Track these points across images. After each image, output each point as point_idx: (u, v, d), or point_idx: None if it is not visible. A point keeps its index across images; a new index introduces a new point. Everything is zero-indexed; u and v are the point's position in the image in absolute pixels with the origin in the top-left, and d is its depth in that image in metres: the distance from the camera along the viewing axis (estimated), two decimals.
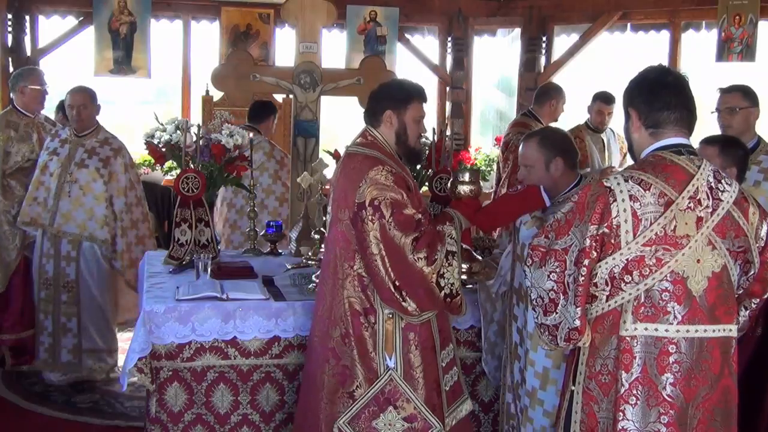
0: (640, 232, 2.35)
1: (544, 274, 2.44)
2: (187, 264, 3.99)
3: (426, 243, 2.95)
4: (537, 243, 2.51)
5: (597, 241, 2.37)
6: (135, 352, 3.30)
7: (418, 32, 8.14)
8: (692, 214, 2.37)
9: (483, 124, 8.88)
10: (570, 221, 2.44)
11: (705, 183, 2.40)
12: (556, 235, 2.46)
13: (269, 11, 7.56)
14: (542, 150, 3.22)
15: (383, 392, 3.04)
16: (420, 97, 3.20)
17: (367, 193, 2.96)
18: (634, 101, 2.53)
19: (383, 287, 2.96)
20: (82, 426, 4.56)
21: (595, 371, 2.46)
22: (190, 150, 4.28)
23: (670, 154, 2.44)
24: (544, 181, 3.23)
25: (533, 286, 2.49)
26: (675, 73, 2.54)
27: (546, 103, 6.06)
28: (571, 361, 2.59)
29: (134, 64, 7.33)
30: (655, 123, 2.48)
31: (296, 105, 4.76)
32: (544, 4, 7.74)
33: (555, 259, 2.43)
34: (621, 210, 2.36)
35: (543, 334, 2.50)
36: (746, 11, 6.42)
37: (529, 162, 3.27)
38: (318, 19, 4.73)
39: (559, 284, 2.42)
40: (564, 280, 2.41)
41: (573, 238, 2.41)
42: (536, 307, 2.49)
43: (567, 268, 2.41)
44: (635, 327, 2.39)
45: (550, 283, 2.43)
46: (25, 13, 7.18)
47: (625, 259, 2.36)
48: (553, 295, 2.43)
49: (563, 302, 2.42)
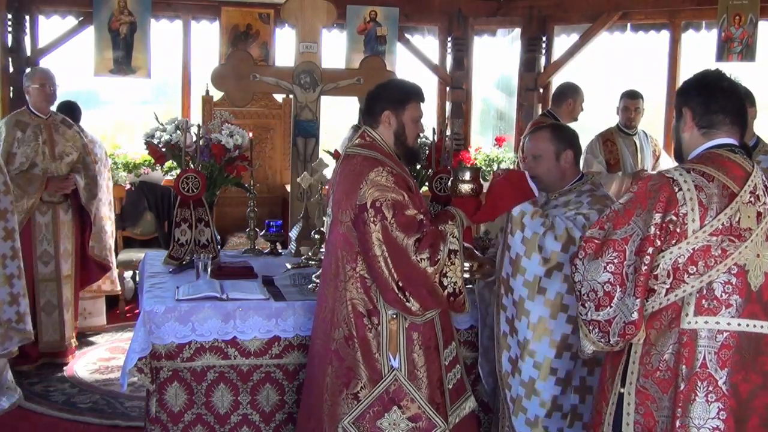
0: (707, 221, 2.32)
1: (600, 265, 2.38)
2: (187, 264, 3.99)
3: (429, 243, 2.95)
4: (590, 234, 2.45)
5: (662, 229, 2.33)
6: (135, 352, 3.30)
7: (418, 32, 8.14)
8: (753, 208, 2.37)
9: (483, 124, 8.88)
10: (630, 211, 2.39)
11: (761, 181, 2.41)
12: (614, 225, 2.40)
13: (269, 11, 7.56)
14: (554, 141, 3.28)
15: (388, 392, 3.04)
16: (418, 96, 3.21)
17: (368, 194, 2.96)
18: (690, 101, 2.53)
19: (387, 288, 2.97)
20: (82, 426, 4.56)
21: (651, 368, 2.39)
22: (190, 150, 4.29)
23: (726, 151, 2.45)
24: (553, 172, 3.28)
25: (584, 280, 2.42)
26: (731, 78, 2.57)
27: (563, 103, 6.07)
28: (614, 362, 2.50)
29: (134, 64, 7.33)
30: (708, 124, 2.49)
31: (296, 105, 4.76)
32: (544, 4, 7.74)
33: (614, 249, 2.37)
34: (687, 198, 2.33)
35: (592, 331, 2.42)
36: (746, 11, 6.42)
37: (539, 152, 3.31)
38: (318, 19, 4.73)
39: (617, 275, 2.36)
40: (622, 271, 2.35)
41: (634, 227, 2.36)
42: (587, 302, 2.41)
43: (626, 258, 2.35)
44: (696, 320, 2.34)
45: (606, 275, 2.36)
46: (25, 13, 7.17)
47: (691, 248, 2.33)
48: (609, 288, 2.36)
49: (620, 295, 2.35)
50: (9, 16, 7.08)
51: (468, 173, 3.28)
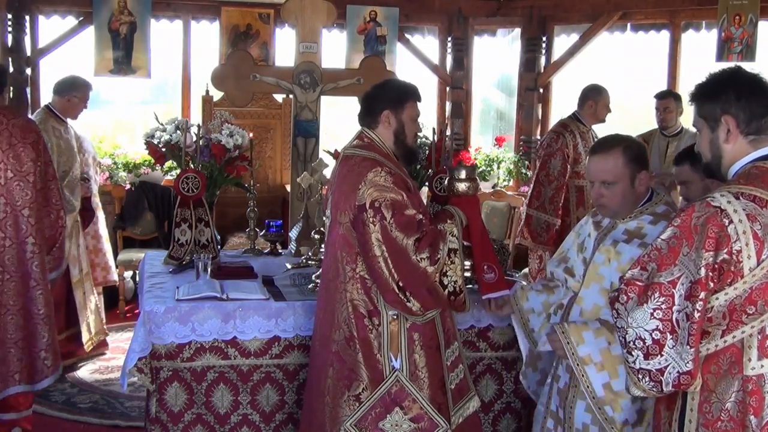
0: (765, 255, 2.06)
1: (646, 312, 2.12)
2: (187, 264, 3.99)
3: (428, 243, 2.95)
4: (631, 276, 2.19)
5: (715, 270, 2.05)
6: (135, 352, 3.30)
7: (418, 32, 8.14)
8: None
9: (483, 124, 8.88)
10: (675, 249, 2.11)
11: None
12: (658, 266, 2.13)
13: (269, 11, 7.55)
14: (628, 164, 2.86)
15: (390, 393, 3.04)
16: (415, 96, 3.22)
17: (367, 195, 2.96)
18: (729, 107, 2.20)
19: (387, 288, 2.97)
20: (82, 426, 4.57)
21: (712, 418, 2.14)
22: (190, 150, 4.29)
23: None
24: (628, 198, 2.90)
25: (629, 327, 2.16)
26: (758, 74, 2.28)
27: (585, 105, 5.98)
28: (668, 404, 2.28)
29: (134, 64, 7.33)
30: (757, 129, 2.19)
31: (296, 105, 4.76)
32: (544, 4, 7.74)
33: (660, 294, 2.11)
34: (740, 232, 2.05)
35: (642, 379, 2.17)
36: (746, 11, 6.42)
37: (611, 178, 2.87)
38: (318, 19, 4.73)
39: (666, 322, 2.10)
40: (672, 318, 2.09)
41: (682, 268, 2.09)
42: (634, 350, 2.16)
43: (675, 303, 2.09)
44: (761, 364, 2.11)
45: (654, 323, 2.11)
46: (25, 13, 7.17)
47: (749, 287, 2.07)
48: (658, 336, 2.11)
49: (671, 343, 2.10)
50: (9, 16, 7.08)
51: (464, 172, 3.29)
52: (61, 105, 5.35)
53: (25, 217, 3.81)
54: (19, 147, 3.79)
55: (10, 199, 3.78)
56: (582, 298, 2.96)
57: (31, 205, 3.83)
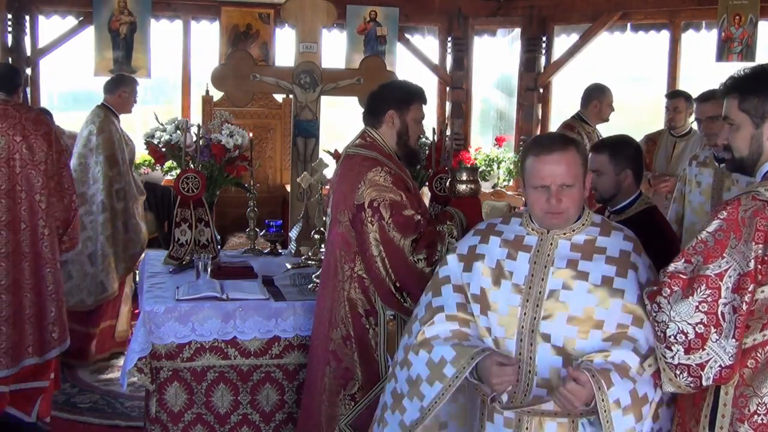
0: None
1: (692, 304, 2.11)
2: (187, 264, 3.99)
3: (426, 244, 2.95)
4: (675, 269, 2.17)
5: (764, 263, 2.05)
6: (135, 352, 3.31)
7: (418, 32, 8.14)
8: None
9: (483, 124, 8.88)
10: (722, 241, 2.10)
11: None
12: (704, 259, 2.12)
13: (269, 11, 7.55)
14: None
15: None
16: (421, 98, 3.22)
17: (366, 194, 2.96)
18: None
19: (384, 288, 2.97)
20: (82, 426, 4.56)
21: (749, 413, 2.10)
22: (190, 150, 4.29)
23: None
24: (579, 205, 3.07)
25: (672, 320, 2.14)
26: None
27: (589, 105, 5.99)
28: (695, 401, 2.25)
29: (134, 64, 7.32)
30: None
31: (296, 105, 4.75)
32: (544, 4, 7.73)
33: (706, 287, 2.09)
34: None
35: (680, 375, 2.15)
36: (746, 11, 6.41)
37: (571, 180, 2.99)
38: (318, 19, 4.73)
39: (711, 315, 2.08)
40: (717, 311, 2.08)
41: (730, 260, 2.09)
42: (674, 345, 2.14)
43: (722, 296, 2.08)
44: None
45: (699, 316, 2.10)
46: (25, 13, 7.17)
47: None
48: (702, 329, 2.10)
49: (715, 337, 2.09)
50: (9, 16, 7.08)
51: (465, 173, 3.29)
52: (113, 101, 5.66)
53: (37, 202, 4.14)
54: (31, 138, 4.13)
55: (25, 186, 4.11)
56: (548, 336, 2.39)
57: (43, 191, 4.14)
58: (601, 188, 3.18)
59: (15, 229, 4.09)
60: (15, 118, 4.13)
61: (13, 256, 4.09)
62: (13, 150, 4.08)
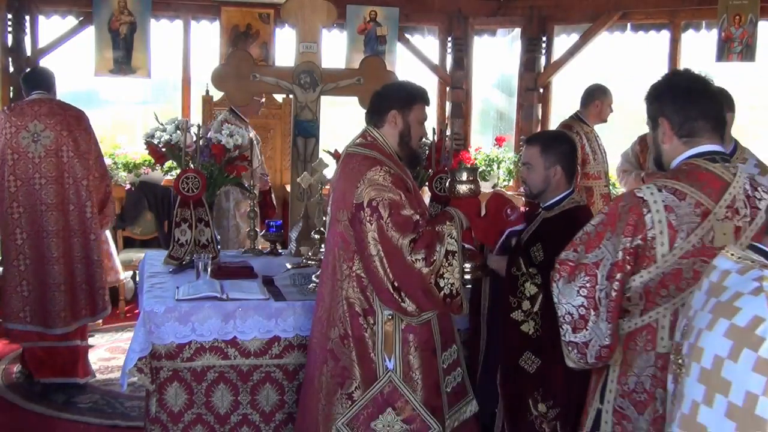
0: (677, 244, 2.23)
1: (574, 289, 2.34)
2: (187, 264, 3.99)
3: (424, 244, 2.94)
4: (565, 257, 2.40)
5: (631, 254, 2.26)
6: (135, 352, 3.31)
7: (418, 32, 8.13)
8: (730, 224, 2.25)
9: (483, 124, 8.88)
10: (601, 234, 2.33)
11: (742, 191, 2.28)
12: (585, 249, 2.35)
13: (269, 11, 7.55)
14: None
15: (382, 394, 3.03)
16: (424, 99, 3.22)
17: (365, 193, 2.96)
18: (665, 110, 2.38)
19: (382, 288, 2.96)
20: (82, 426, 4.56)
21: (628, 389, 2.35)
22: (190, 150, 4.29)
23: (704, 161, 2.31)
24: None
25: (560, 303, 2.39)
26: (704, 78, 2.39)
27: (590, 104, 6.00)
28: (597, 376, 2.48)
29: (134, 64, 7.32)
30: (689, 132, 2.34)
31: (296, 105, 4.75)
32: (544, 4, 7.73)
33: (585, 274, 2.32)
34: (656, 221, 2.24)
35: (571, 351, 2.40)
36: (746, 11, 6.42)
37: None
38: (318, 19, 4.73)
39: (590, 300, 2.31)
40: (595, 296, 2.30)
41: (604, 251, 2.30)
42: (564, 324, 2.38)
43: (598, 283, 2.30)
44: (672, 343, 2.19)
45: (580, 299, 2.32)
46: (25, 13, 7.17)
47: (661, 272, 2.25)
48: (583, 312, 2.32)
49: (594, 318, 2.31)
50: (9, 16, 7.08)
51: (465, 174, 3.28)
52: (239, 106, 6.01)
53: (84, 186, 4.99)
54: (75, 132, 4.95)
55: (72, 174, 4.94)
56: None
57: (89, 176, 5.00)
58: (529, 182, 3.26)
59: (64, 210, 4.92)
60: (60, 114, 4.90)
61: (64, 233, 4.93)
62: (60, 143, 4.88)
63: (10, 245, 4.92)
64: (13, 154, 4.84)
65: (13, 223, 4.88)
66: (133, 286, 6.93)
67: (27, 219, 4.89)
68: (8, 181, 4.86)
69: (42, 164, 4.87)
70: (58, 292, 4.91)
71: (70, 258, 4.96)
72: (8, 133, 4.84)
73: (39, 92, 4.96)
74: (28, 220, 4.89)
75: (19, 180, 4.86)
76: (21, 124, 4.84)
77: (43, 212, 4.89)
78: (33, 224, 4.90)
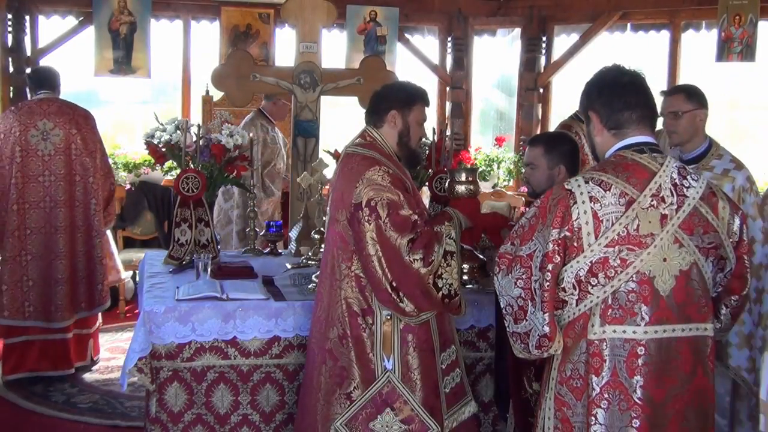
0: (602, 233, 2.31)
1: (511, 281, 2.42)
2: (187, 264, 3.99)
3: (422, 244, 2.93)
4: (504, 250, 2.49)
5: (559, 245, 2.34)
6: (135, 352, 3.31)
7: (418, 32, 8.14)
8: (655, 212, 2.33)
9: (483, 124, 8.88)
10: (533, 226, 2.41)
11: (669, 180, 2.36)
12: (520, 241, 2.43)
13: (269, 11, 7.56)
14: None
15: (381, 394, 3.03)
16: (423, 99, 3.22)
17: (363, 193, 2.95)
18: (593, 104, 2.49)
19: (380, 288, 2.96)
20: (82, 426, 4.56)
21: (566, 376, 2.43)
22: (190, 150, 4.29)
23: (632, 153, 2.40)
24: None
25: (500, 295, 2.47)
26: (631, 72, 2.48)
27: None
28: (548, 367, 2.54)
29: (134, 64, 7.33)
30: (617, 124, 2.44)
31: (296, 105, 4.76)
32: (544, 4, 7.74)
33: (521, 266, 2.40)
34: (581, 212, 2.32)
35: (515, 342, 2.47)
36: (746, 11, 6.42)
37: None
38: (318, 19, 4.73)
39: (527, 291, 2.39)
40: (531, 287, 2.38)
41: (537, 243, 2.38)
42: (507, 315, 2.47)
43: (533, 274, 2.37)
44: (603, 330, 2.34)
45: (517, 290, 2.40)
46: (25, 13, 7.18)
47: (589, 261, 2.32)
48: (522, 303, 2.40)
49: (531, 309, 2.39)
50: (9, 16, 7.08)
51: (464, 174, 3.28)
52: (269, 108, 6.46)
53: (90, 183, 5.16)
54: (83, 130, 5.12)
55: (80, 171, 5.12)
56: None
57: (95, 174, 5.17)
58: (533, 182, 3.28)
59: (71, 207, 5.09)
60: (69, 113, 5.09)
61: (69, 229, 5.09)
62: (69, 141, 5.05)
63: (13, 241, 5.01)
64: (21, 151, 4.97)
65: (18, 218, 5.00)
66: (133, 286, 6.93)
67: (33, 215, 5.02)
68: (15, 177, 4.97)
69: (51, 162, 5.02)
70: (61, 287, 5.06)
71: (74, 253, 5.11)
72: (17, 131, 4.96)
73: (45, 91, 5.09)
74: (33, 216, 5.02)
75: (26, 177, 4.99)
76: (30, 122, 4.98)
77: (52, 209, 5.04)
78: (39, 220, 5.03)
